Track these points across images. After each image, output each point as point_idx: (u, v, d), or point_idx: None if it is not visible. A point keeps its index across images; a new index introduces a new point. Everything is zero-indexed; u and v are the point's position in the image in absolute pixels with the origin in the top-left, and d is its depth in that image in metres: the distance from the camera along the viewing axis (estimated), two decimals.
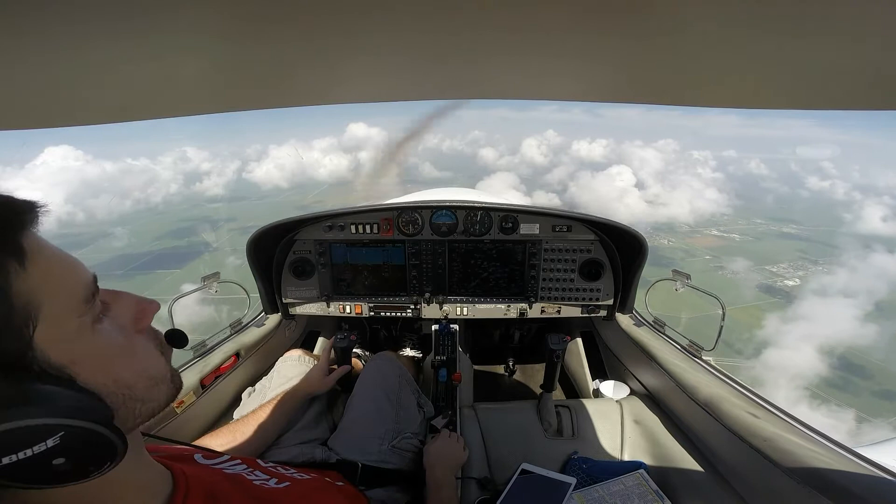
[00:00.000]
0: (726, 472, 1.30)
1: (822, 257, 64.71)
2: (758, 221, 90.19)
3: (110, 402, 0.50)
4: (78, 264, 0.51)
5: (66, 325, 0.47)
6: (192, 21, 0.52)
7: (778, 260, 61.30)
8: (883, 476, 0.94)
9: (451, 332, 2.09)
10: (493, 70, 0.85)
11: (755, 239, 74.21)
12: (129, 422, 0.54)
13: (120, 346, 0.53)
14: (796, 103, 0.79)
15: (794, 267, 59.82)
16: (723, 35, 0.57)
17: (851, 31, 0.49)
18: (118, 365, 0.52)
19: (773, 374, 34.84)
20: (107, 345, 0.51)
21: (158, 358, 0.60)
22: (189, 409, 1.52)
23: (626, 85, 0.89)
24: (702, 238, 74.52)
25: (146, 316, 0.59)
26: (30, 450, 0.40)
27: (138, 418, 0.55)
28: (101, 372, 0.49)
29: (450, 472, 1.35)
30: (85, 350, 0.48)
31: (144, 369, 0.56)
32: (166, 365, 0.61)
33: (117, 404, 0.51)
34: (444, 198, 2.15)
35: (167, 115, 0.85)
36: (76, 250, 0.53)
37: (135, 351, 0.55)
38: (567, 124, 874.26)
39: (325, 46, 0.64)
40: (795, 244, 73.20)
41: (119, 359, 0.52)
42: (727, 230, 79.31)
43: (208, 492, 0.66)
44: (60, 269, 0.48)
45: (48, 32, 0.47)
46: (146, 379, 0.55)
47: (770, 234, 79.99)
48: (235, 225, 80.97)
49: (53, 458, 0.42)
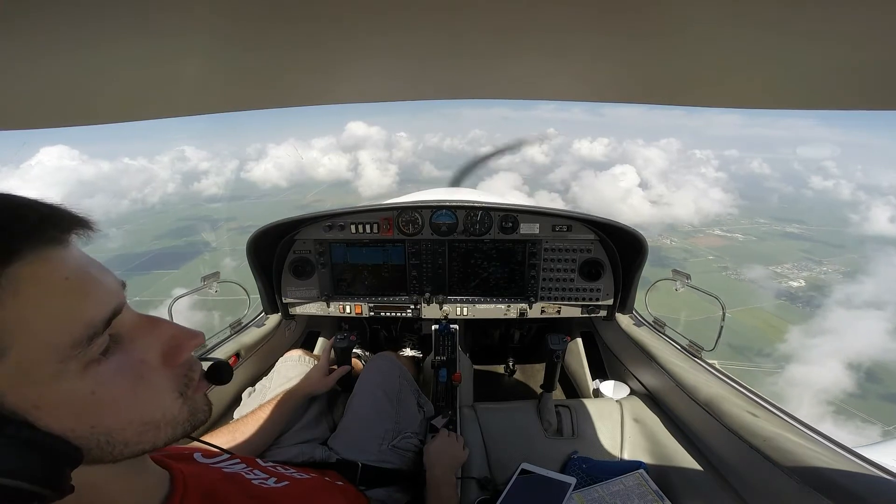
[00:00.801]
0: (726, 472, 1.30)
1: (826, 257, 64.17)
2: (761, 221, 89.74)
3: (79, 444, 0.45)
4: (94, 295, 0.45)
5: (39, 369, 0.41)
6: (192, 21, 0.52)
7: (782, 260, 60.79)
8: (883, 476, 0.94)
9: (451, 332, 2.09)
10: (494, 70, 0.85)
11: (759, 239, 73.79)
12: (106, 458, 0.48)
13: (116, 390, 0.47)
14: (798, 103, 0.79)
15: (799, 267, 59.32)
16: (724, 35, 0.57)
17: (852, 31, 0.49)
18: (102, 412, 0.46)
19: (784, 375, 34.28)
20: (94, 391, 0.45)
21: (173, 401, 0.53)
22: None
23: (627, 85, 0.89)
24: (704, 238, 74.22)
25: (181, 351, 0.53)
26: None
27: (119, 457, 0.49)
28: (73, 418, 0.44)
29: (450, 472, 1.35)
30: (57, 396, 0.42)
31: (142, 415, 0.50)
32: (182, 407, 0.54)
33: (89, 446, 0.46)
34: (444, 197, 2.15)
35: (166, 116, 0.85)
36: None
37: (140, 394, 0.49)
38: (568, 123, 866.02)
39: (324, 46, 0.64)
40: (799, 244, 72.75)
41: (107, 406, 0.46)
42: (730, 230, 78.94)
43: (206, 491, 0.66)
44: (53, 308, 0.42)
45: (47, 32, 0.47)
46: (139, 424, 0.49)
47: (773, 233, 79.55)
48: (235, 224, 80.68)
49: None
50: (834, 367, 35.06)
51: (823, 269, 59.50)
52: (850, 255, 66.18)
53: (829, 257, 64.86)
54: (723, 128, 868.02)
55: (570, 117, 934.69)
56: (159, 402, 0.52)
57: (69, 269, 0.44)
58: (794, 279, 54.55)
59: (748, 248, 67.24)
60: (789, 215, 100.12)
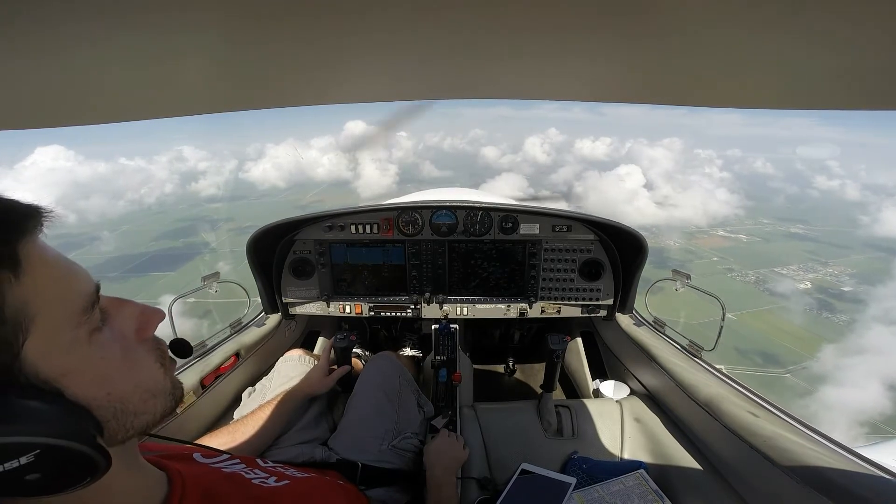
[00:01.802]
0: (726, 472, 1.30)
1: (831, 258, 62.72)
2: (764, 221, 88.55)
3: (100, 416, 0.49)
4: (80, 272, 0.50)
5: (60, 336, 0.45)
6: (190, 21, 0.52)
7: (787, 261, 59.41)
8: (883, 476, 0.94)
9: (451, 332, 2.09)
10: (495, 70, 0.85)
11: (763, 240, 72.70)
12: (119, 434, 0.52)
13: (117, 357, 0.52)
14: (800, 103, 0.79)
15: (804, 269, 57.94)
16: (726, 35, 0.57)
17: (853, 31, 0.49)
18: (113, 377, 0.51)
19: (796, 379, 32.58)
20: (102, 356, 0.50)
21: (158, 370, 0.58)
22: (189, 409, 1.52)
23: (628, 85, 0.89)
24: (708, 238, 73.16)
25: (150, 326, 0.58)
26: (0, 466, 0.39)
27: (129, 431, 0.53)
28: (94, 385, 0.48)
29: (450, 472, 1.35)
30: (78, 362, 0.47)
31: (141, 381, 0.54)
32: (165, 377, 0.59)
33: (107, 417, 0.50)
34: (444, 198, 2.15)
35: (164, 116, 0.85)
36: (68, 252, 0.54)
37: (133, 363, 0.54)
38: (569, 122, 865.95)
39: (324, 46, 0.64)
40: (804, 245, 71.32)
41: (114, 371, 0.51)
42: (734, 230, 77.89)
43: (206, 491, 0.66)
44: (59, 279, 0.47)
45: (46, 32, 0.47)
46: (142, 392, 0.54)
47: (777, 234, 78.35)
48: (233, 225, 79.80)
49: (26, 474, 0.41)
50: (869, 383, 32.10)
51: (829, 271, 58.22)
52: (857, 257, 64.73)
53: (834, 259, 63.51)
54: (724, 127, 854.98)
55: (571, 116, 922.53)
56: (149, 371, 0.56)
57: (54, 251, 0.48)
58: (799, 281, 53.36)
59: (752, 249, 66.13)
60: (793, 215, 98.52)
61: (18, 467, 0.40)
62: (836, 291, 51.51)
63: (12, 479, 0.40)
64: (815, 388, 31.77)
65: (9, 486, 0.41)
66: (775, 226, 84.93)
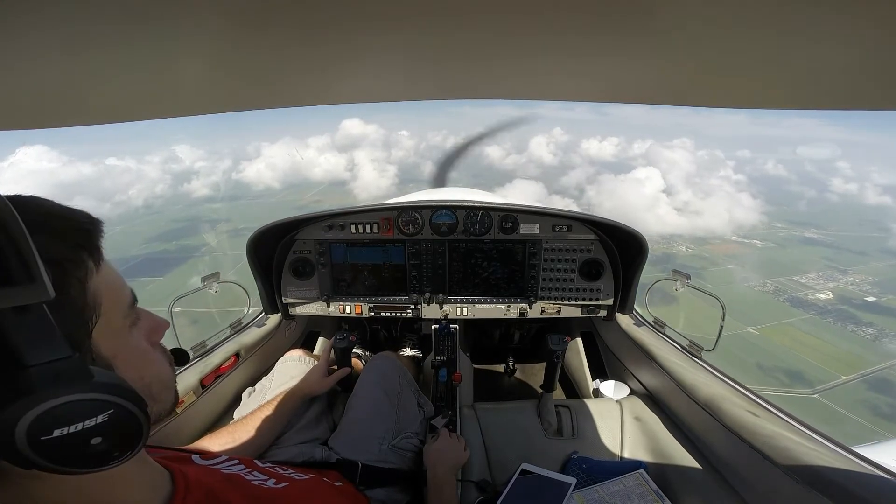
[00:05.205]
0: (726, 472, 1.30)
1: (851, 265, 57.67)
2: (778, 226, 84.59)
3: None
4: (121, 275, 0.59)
5: (115, 324, 0.55)
6: (189, 22, 0.52)
7: (805, 269, 54.43)
8: (883, 476, 0.94)
9: (451, 332, 2.09)
10: (497, 70, 0.84)
11: (778, 245, 69.00)
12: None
13: (146, 349, 0.62)
14: (803, 103, 0.78)
15: (824, 277, 52.09)
16: (728, 35, 0.57)
17: (854, 31, 0.49)
18: (144, 366, 0.60)
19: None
20: (137, 347, 0.59)
21: (169, 367, 0.67)
22: (189, 409, 1.52)
23: (629, 85, 0.89)
24: (721, 244, 69.20)
25: (159, 331, 0.67)
26: (82, 423, 0.42)
27: (150, 416, 0.57)
28: (133, 369, 0.56)
29: (450, 472, 1.35)
30: (124, 348, 0.56)
31: (158, 373, 0.63)
32: (173, 374, 0.68)
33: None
34: (444, 197, 2.15)
35: (163, 116, 0.84)
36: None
37: (154, 357, 0.63)
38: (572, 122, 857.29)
39: (323, 46, 0.64)
40: (820, 250, 66.14)
41: (144, 361, 0.60)
42: (747, 235, 74.56)
43: (208, 490, 0.66)
44: (116, 276, 0.57)
45: (45, 32, 0.47)
46: (159, 382, 0.63)
47: (792, 239, 73.83)
48: (230, 226, 77.28)
49: (93, 436, 0.43)
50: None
51: (850, 280, 52.09)
52: (876, 264, 59.22)
53: (853, 265, 57.44)
54: (730, 127, 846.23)
55: (575, 116, 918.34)
56: (163, 365, 0.66)
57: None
58: (820, 290, 48.04)
59: (768, 256, 62.18)
60: (807, 219, 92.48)
61: (94, 426, 0.43)
62: (859, 302, 46.32)
63: (80, 442, 0.42)
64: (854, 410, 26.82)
65: (73, 452, 0.43)
66: (790, 230, 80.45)
